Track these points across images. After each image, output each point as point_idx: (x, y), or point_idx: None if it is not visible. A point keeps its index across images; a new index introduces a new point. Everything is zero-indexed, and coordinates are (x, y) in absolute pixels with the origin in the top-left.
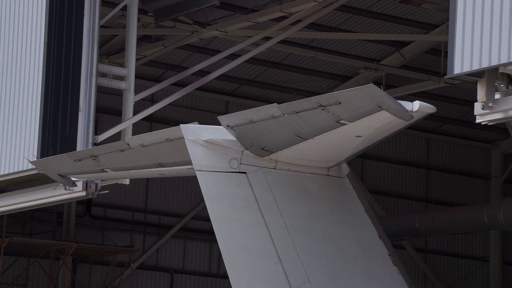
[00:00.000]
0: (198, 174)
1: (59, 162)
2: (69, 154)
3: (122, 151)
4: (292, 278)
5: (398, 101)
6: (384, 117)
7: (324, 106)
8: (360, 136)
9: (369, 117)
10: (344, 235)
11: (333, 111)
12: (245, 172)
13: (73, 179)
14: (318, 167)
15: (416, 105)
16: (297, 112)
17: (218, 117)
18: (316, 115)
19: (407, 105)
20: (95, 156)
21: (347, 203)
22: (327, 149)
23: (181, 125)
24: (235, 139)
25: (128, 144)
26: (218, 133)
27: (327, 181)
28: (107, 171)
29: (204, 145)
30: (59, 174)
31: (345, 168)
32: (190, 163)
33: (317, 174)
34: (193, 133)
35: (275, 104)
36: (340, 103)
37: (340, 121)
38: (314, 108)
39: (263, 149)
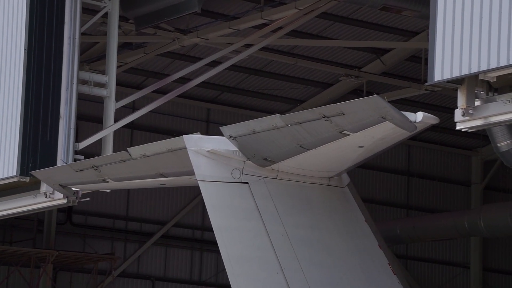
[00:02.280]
0: (200, 184)
1: (60, 172)
2: (70, 164)
3: (124, 161)
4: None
5: (401, 112)
6: (388, 128)
7: (327, 117)
8: (363, 147)
9: (373, 127)
10: (345, 244)
11: (337, 122)
12: (247, 182)
13: (73, 189)
14: (319, 177)
15: (419, 116)
16: (300, 123)
17: (220, 127)
18: (320, 126)
19: (410, 116)
20: (97, 167)
21: (348, 213)
22: (329, 159)
23: (184, 136)
24: (238, 149)
25: (130, 154)
26: (221, 143)
27: (328, 191)
28: (108, 181)
29: (206, 155)
30: (60, 185)
31: (346, 178)
32: (192, 173)
33: (318, 184)
34: (196, 143)
35: (278, 115)
36: (343, 114)
37: (343, 132)
38: (318, 119)
39: (265, 159)
